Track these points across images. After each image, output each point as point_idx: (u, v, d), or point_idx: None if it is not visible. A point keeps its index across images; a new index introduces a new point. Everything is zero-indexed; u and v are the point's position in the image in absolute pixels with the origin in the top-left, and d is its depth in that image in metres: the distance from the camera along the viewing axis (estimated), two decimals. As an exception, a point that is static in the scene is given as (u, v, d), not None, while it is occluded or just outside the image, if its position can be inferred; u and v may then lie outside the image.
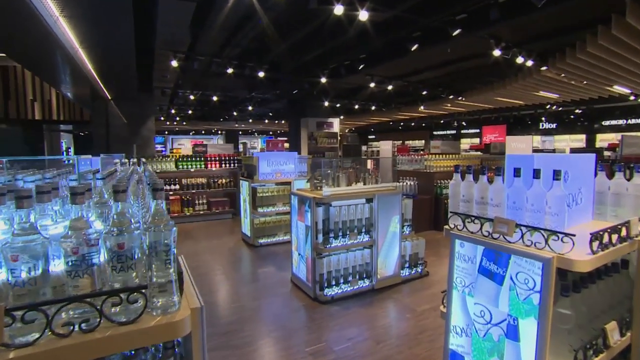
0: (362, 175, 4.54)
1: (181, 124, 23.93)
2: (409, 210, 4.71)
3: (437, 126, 26.02)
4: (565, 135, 19.74)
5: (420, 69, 9.53)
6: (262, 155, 6.60)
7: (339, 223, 4.09)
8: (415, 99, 13.84)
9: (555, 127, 19.91)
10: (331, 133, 14.78)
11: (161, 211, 1.16)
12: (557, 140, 19.92)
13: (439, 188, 7.63)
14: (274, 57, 9.02)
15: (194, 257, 5.90)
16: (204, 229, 8.08)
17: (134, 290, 1.06)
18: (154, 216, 1.14)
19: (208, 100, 13.99)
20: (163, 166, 8.75)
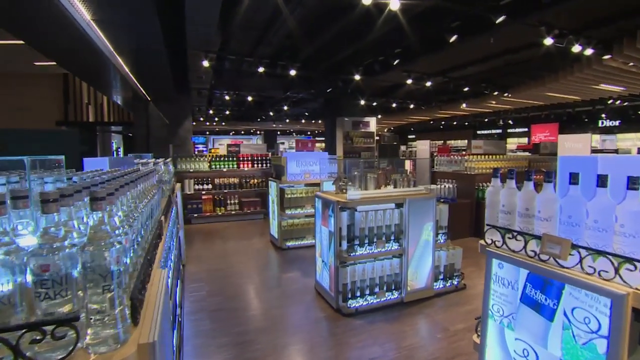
0: (393, 177, 4.18)
1: (220, 125, 24.52)
2: (444, 216, 4.29)
3: (481, 125, 24.69)
4: (630, 134, 17.84)
5: (462, 64, 8.91)
6: (291, 155, 6.40)
7: (365, 229, 3.77)
8: (457, 96, 13.09)
9: (618, 124, 18.08)
10: (367, 133, 14.35)
11: (100, 225, 0.93)
12: (621, 139, 18.05)
13: (480, 191, 7.03)
14: (306, 56, 8.83)
15: (220, 259, 5.81)
16: (235, 229, 8.04)
17: (61, 323, 0.83)
18: (91, 232, 0.91)
19: (243, 101, 14.11)
20: (196, 166, 8.84)
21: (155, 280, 1.40)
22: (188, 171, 8.74)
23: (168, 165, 4.82)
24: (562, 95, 10.73)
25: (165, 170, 4.04)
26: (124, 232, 1.09)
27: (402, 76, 9.25)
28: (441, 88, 11.48)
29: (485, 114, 18.13)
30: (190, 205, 8.50)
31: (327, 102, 14.85)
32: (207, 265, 5.51)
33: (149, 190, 2.05)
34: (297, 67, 8.52)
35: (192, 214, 8.50)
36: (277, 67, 8.38)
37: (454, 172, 7.50)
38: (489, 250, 1.76)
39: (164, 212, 2.42)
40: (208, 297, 4.30)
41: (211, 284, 4.72)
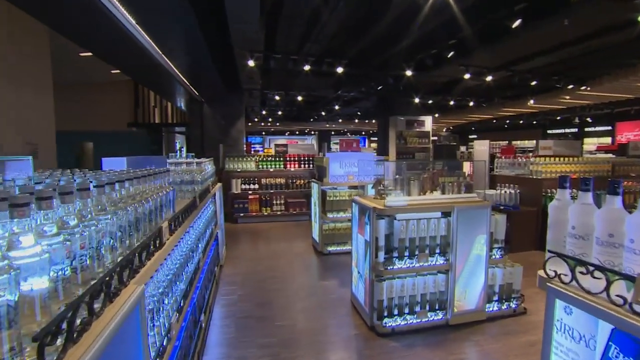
0: (441, 181, 3.70)
1: (275, 125, 24.95)
2: (501, 228, 3.70)
3: (553, 124, 22.36)
4: None
5: (528, 55, 7.94)
6: (333, 156, 6.10)
7: (405, 240, 3.35)
8: (523, 91, 11.85)
9: None
10: (422, 132, 13.59)
11: None
12: None
13: (548, 199, 6.16)
14: (355, 52, 8.46)
15: (258, 261, 5.69)
16: (279, 230, 7.93)
17: None
18: None
19: (293, 101, 14.08)
20: (244, 165, 8.89)
21: (120, 301, 1.18)
22: (236, 171, 8.83)
23: (204, 165, 4.77)
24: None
25: (198, 170, 3.96)
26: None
27: (458, 71, 8.50)
28: (504, 83, 10.43)
29: (557, 111, 16.26)
30: (237, 205, 8.56)
31: (379, 101, 14.32)
32: (244, 267, 5.40)
33: (148, 193, 1.87)
34: (345, 64, 8.18)
35: (239, 213, 8.56)
36: (323, 64, 8.12)
37: (517, 175, 6.67)
38: (551, 286, 1.31)
39: (175, 218, 2.24)
40: (239, 302, 4.16)
41: (244, 288, 4.58)
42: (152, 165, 2.89)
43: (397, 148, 13.28)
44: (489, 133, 26.27)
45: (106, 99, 14.67)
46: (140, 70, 8.59)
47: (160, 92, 14.05)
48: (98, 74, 11.15)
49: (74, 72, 10.89)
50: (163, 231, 1.95)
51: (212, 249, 4.79)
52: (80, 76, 12.05)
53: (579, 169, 6.41)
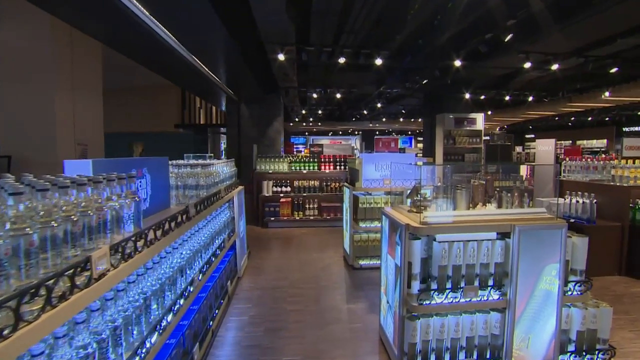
0: (497, 191, 2.87)
1: (317, 125, 24.51)
2: (580, 254, 2.79)
3: (630, 120, 19.70)
4: None
5: (609, 36, 6.63)
6: (368, 157, 5.39)
7: (447, 268, 2.58)
8: (597, 82, 10.27)
9: None
10: (473, 131, 12.32)
11: None
12: None
13: (638, 211, 4.98)
14: (397, 44, 7.65)
15: (281, 273, 5.13)
16: (310, 237, 7.35)
17: None
18: None
19: (333, 98, 13.46)
20: (276, 167, 8.42)
21: None
22: (267, 172, 8.38)
23: (217, 167, 4.28)
24: None
25: (204, 173, 3.46)
26: None
27: (518, 59, 7.38)
28: (573, 73, 9.03)
29: (638, 105, 14.11)
30: (267, 208, 8.11)
31: (425, 98, 13.29)
32: (264, 280, 4.86)
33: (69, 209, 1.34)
34: (386, 56, 7.41)
35: (269, 217, 8.10)
36: (361, 56, 7.40)
37: (593, 181, 5.51)
38: None
39: (126, 241, 1.70)
40: (248, 326, 3.60)
41: (259, 307, 4.02)
42: (133, 169, 2.40)
43: (445, 149, 12.15)
44: (549, 132, 23.87)
45: (155, 101, 15.14)
46: (172, 71, 8.49)
47: (198, 93, 14.11)
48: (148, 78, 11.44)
49: (125, 76, 11.25)
50: (94, 262, 1.40)
51: (226, 261, 4.30)
52: (131, 80, 12.47)
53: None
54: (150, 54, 6.82)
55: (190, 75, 8.42)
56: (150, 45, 5.82)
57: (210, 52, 7.21)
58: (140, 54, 6.88)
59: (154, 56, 6.93)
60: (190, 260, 2.83)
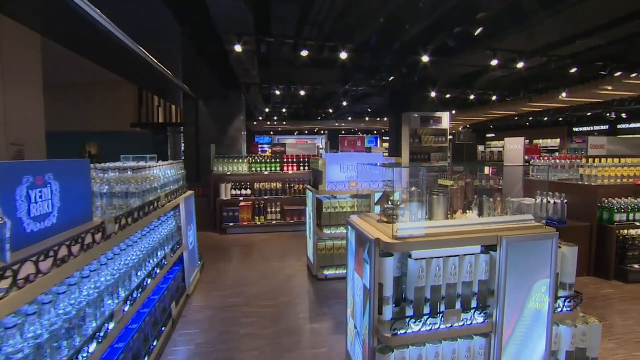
0: (476, 196, 2.51)
1: (282, 124, 23.89)
2: (569, 266, 2.48)
3: (581, 121, 20.67)
4: None
5: (575, 35, 6.60)
6: (332, 157, 4.95)
7: (425, 289, 2.17)
8: (556, 83, 10.46)
9: None
10: (439, 130, 12.25)
11: None
12: None
13: (605, 211, 4.88)
14: (363, 38, 7.28)
15: (238, 288, 4.57)
16: (272, 243, 6.81)
17: None
18: None
19: (297, 96, 12.97)
20: (235, 168, 7.80)
21: None
22: (226, 174, 7.75)
23: (161, 169, 3.68)
24: None
25: (137, 178, 2.86)
26: None
27: (485, 57, 7.23)
28: (535, 73, 9.09)
29: (589, 106, 14.69)
30: (226, 213, 7.48)
31: (392, 96, 13.10)
32: (217, 297, 4.29)
33: None
34: (351, 50, 7.00)
35: (228, 222, 7.47)
36: (325, 50, 6.95)
37: (562, 181, 5.39)
38: None
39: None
40: (194, 357, 3.04)
41: (208, 332, 3.46)
42: (27, 177, 1.79)
43: (411, 148, 12.00)
44: (508, 132, 24.65)
45: (109, 98, 14.01)
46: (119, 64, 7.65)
47: (151, 88, 13.14)
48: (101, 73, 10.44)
49: (76, 71, 10.18)
50: None
51: (170, 279, 3.69)
52: (82, 75, 11.35)
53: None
54: (92, 45, 6.01)
55: (138, 68, 7.63)
56: (89, 34, 5.06)
57: (157, 41, 6.51)
58: (80, 45, 6.06)
59: (96, 48, 6.13)
60: (112, 288, 2.24)
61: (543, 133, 23.80)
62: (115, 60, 7.03)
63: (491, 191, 5.10)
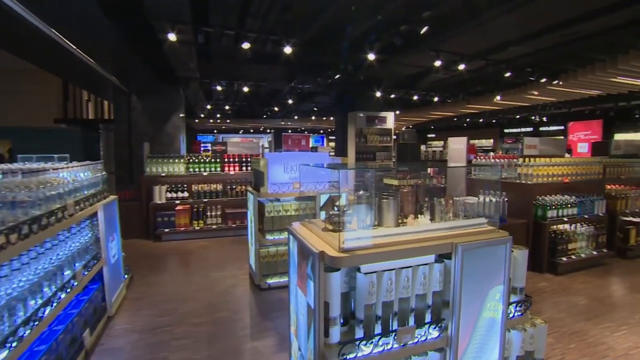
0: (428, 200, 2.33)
1: (225, 122, 22.93)
2: (520, 269, 2.41)
3: (510, 122, 22.34)
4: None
5: (508, 42, 6.88)
6: (275, 157, 4.61)
7: (376, 306, 1.92)
8: (491, 87, 11.03)
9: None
10: (384, 130, 12.43)
11: None
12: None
13: (539, 208, 5.08)
14: (310, 34, 7.01)
15: (170, 302, 4.06)
16: (211, 250, 6.30)
17: None
18: None
19: (240, 92, 12.38)
20: (171, 169, 7.14)
21: None
22: (160, 175, 7.06)
23: (71, 172, 3.10)
24: (634, 82, 8.51)
25: (30, 183, 2.31)
26: None
27: (429, 57, 7.31)
28: (474, 77, 9.47)
29: (517, 110, 15.83)
30: (160, 218, 6.80)
31: (338, 96, 13.01)
32: (145, 316, 3.76)
33: None
34: (295, 44, 6.69)
35: (163, 228, 6.81)
36: (268, 43, 6.57)
37: (501, 180, 5.55)
38: None
39: None
40: (107, 399, 2.55)
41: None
42: None
43: (357, 147, 12.04)
44: (447, 132, 25.96)
45: (27, 90, 12.28)
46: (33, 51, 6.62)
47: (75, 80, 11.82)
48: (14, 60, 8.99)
49: None
50: None
51: (83, 301, 3.12)
52: None
53: (571, 171, 5.41)
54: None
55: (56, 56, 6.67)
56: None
57: (79, 27, 5.71)
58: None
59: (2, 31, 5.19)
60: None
61: (478, 134, 25.35)
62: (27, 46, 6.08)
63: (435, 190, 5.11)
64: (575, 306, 4.15)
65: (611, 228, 5.67)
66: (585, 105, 14.66)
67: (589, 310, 4.04)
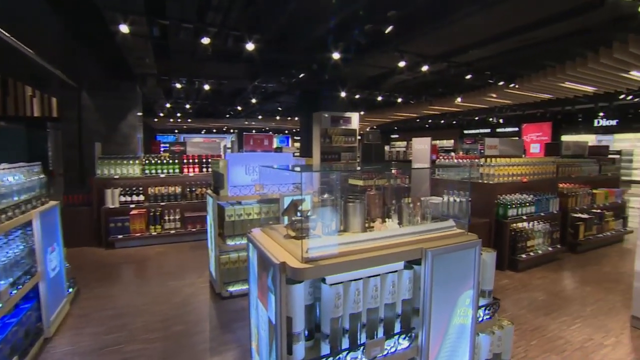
0: (396, 202, 2.22)
1: (187, 122, 22.09)
2: (488, 272, 2.36)
3: (469, 124, 23.20)
4: (628, 134, 16.68)
5: (466, 45, 7.03)
6: (235, 158, 4.39)
7: (343, 319, 1.78)
8: (452, 89, 11.32)
9: (615, 124, 16.82)
10: (349, 130, 12.41)
11: None
12: (618, 139, 16.84)
13: (501, 207, 5.19)
14: (273, 31, 6.80)
15: (121, 317, 3.71)
16: (170, 256, 5.93)
17: None
18: None
19: (201, 91, 11.92)
20: (124, 170, 6.66)
21: None
22: (112, 178, 6.57)
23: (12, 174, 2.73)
24: (579, 87, 9.04)
25: None
26: None
27: (393, 58, 7.33)
28: (436, 78, 9.66)
29: (476, 112, 16.45)
30: (113, 224, 6.32)
31: (302, 95, 12.86)
32: (91, 336, 3.40)
33: None
34: (258, 40, 6.45)
35: (116, 234, 6.33)
36: (229, 38, 6.29)
37: (465, 180, 5.62)
38: None
39: None
40: None
41: (69, 390, 2.64)
42: None
43: (322, 147, 11.93)
44: (410, 133, 26.57)
45: None
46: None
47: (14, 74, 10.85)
48: None
49: None
50: None
51: (9, 325, 2.75)
52: None
53: (528, 171, 5.59)
54: None
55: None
56: None
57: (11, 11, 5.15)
58: None
59: None
60: None
61: (439, 134, 26.12)
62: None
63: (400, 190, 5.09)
64: (534, 302, 4.25)
65: (564, 224, 5.92)
66: (537, 109, 15.50)
67: (547, 306, 4.15)
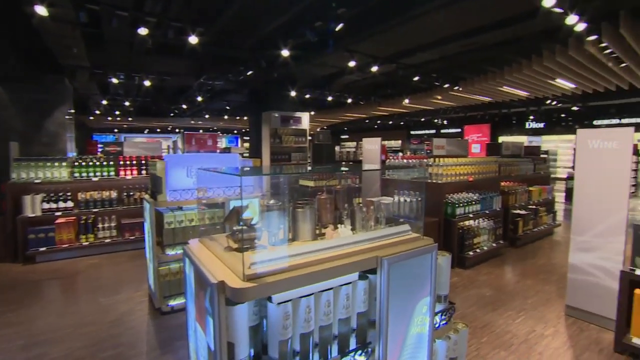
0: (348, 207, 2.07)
1: (127, 120, 20.61)
2: (444, 276, 2.28)
3: (416, 125, 24.11)
4: (553, 136, 18.35)
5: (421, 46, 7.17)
6: (174, 159, 3.99)
7: (292, 341, 1.58)
8: (400, 90, 11.58)
9: (543, 126, 18.39)
10: (299, 130, 12.25)
11: None
12: (545, 140, 18.46)
13: (449, 206, 5.30)
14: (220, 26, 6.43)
15: (40, 346, 3.20)
16: (104, 269, 5.35)
17: None
18: None
19: (141, 87, 11.10)
20: (49, 174, 5.92)
21: None
22: (33, 183, 5.80)
23: None
24: (514, 91, 9.65)
25: None
26: None
27: (344, 58, 7.27)
28: (385, 80, 9.81)
29: (422, 113, 17.11)
30: (34, 235, 5.57)
31: (251, 94, 12.47)
32: (-3, 369, 2.89)
33: None
34: (202, 34, 6.05)
35: (37, 247, 5.58)
36: (170, 30, 5.82)
37: (415, 180, 5.68)
38: None
39: None
40: None
41: None
42: None
43: (272, 148, 11.64)
44: (359, 133, 27.05)
45: None
46: None
47: None
48: None
49: None
50: None
51: None
52: None
53: (474, 170, 5.78)
54: None
55: None
56: None
57: None
58: None
59: None
60: None
61: (387, 135, 26.85)
62: None
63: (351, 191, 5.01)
64: (482, 298, 4.35)
65: (505, 221, 6.22)
66: (477, 111, 16.44)
67: (494, 301, 4.26)
